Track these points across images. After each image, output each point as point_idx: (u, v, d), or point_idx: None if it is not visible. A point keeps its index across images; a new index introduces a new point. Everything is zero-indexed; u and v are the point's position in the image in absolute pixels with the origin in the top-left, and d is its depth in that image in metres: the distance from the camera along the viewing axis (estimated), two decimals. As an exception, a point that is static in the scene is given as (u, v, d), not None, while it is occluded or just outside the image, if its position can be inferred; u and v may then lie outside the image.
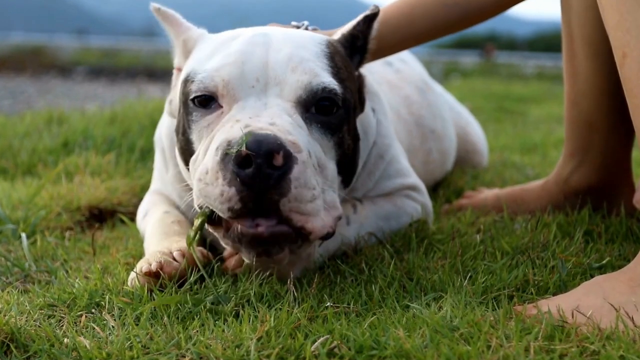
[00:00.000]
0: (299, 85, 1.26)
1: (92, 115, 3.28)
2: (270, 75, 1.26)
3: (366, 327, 1.09)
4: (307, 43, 1.34)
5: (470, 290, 1.24)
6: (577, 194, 1.75)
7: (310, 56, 1.31)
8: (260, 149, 1.11)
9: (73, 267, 1.50)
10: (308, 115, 1.28)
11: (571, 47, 1.68)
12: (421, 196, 1.69)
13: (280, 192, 1.13)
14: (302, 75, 1.26)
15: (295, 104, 1.26)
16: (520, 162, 2.84)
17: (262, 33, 1.34)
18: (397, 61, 2.09)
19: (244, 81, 1.26)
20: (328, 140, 1.29)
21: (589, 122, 1.70)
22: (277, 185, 1.13)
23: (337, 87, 1.29)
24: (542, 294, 1.26)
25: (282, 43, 1.31)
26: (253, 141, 1.12)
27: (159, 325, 1.12)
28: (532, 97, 6.71)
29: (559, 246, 1.46)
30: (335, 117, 1.30)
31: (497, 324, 1.09)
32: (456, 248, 1.45)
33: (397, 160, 1.66)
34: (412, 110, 1.97)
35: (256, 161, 1.11)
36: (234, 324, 1.11)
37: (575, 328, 1.06)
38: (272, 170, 1.12)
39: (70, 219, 1.86)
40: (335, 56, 1.36)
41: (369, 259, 1.42)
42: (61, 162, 2.31)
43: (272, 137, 1.14)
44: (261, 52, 1.29)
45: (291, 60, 1.28)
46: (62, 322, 1.18)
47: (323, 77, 1.28)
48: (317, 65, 1.29)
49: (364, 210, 1.55)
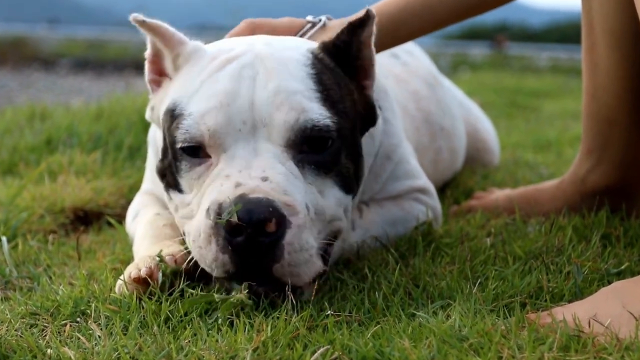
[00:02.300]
0: (286, 127, 1.26)
1: (77, 111, 3.28)
2: (257, 117, 1.27)
3: (369, 337, 1.09)
4: (294, 68, 1.32)
5: (480, 297, 1.24)
6: (594, 195, 1.75)
7: (296, 86, 1.29)
8: (251, 219, 1.16)
9: (57, 272, 1.50)
10: (300, 157, 1.28)
11: (591, 36, 1.67)
12: (431, 199, 1.69)
13: (273, 259, 1.18)
14: (289, 113, 1.26)
15: (286, 147, 1.26)
16: (533, 160, 2.84)
17: (250, 63, 1.32)
18: (404, 53, 2.08)
19: (230, 127, 1.27)
20: (323, 178, 1.29)
21: (608, 117, 1.70)
22: (270, 252, 1.18)
23: (329, 120, 1.27)
24: (557, 301, 1.26)
25: (269, 73, 1.30)
26: (244, 211, 1.16)
27: (149, 335, 1.12)
28: (546, 92, 6.71)
29: (575, 250, 1.46)
30: (329, 153, 1.29)
31: (508, 333, 1.09)
32: (465, 252, 1.45)
33: (406, 160, 1.66)
34: (421, 106, 1.97)
35: (247, 231, 1.16)
36: (228, 333, 1.11)
37: (592, 338, 1.06)
38: (265, 237, 1.17)
39: (53, 221, 1.86)
40: (322, 76, 1.33)
41: (372, 264, 1.42)
42: (44, 161, 2.31)
43: (264, 203, 1.17)
44: (247, 90, 1.29)
45: (277, 97, 1.27)
46: (45, 331, 1.18)
47: (311, 113, 1.27)
48: (304, 97, 1.28)
49: (370, 214, 1.55)
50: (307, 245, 1.21)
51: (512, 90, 6.52)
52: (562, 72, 10.24)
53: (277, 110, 1.26)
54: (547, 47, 16.96)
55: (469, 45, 16.52)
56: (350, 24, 1.37)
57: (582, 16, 1.70)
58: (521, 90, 6.61)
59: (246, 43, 1.39)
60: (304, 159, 1.28)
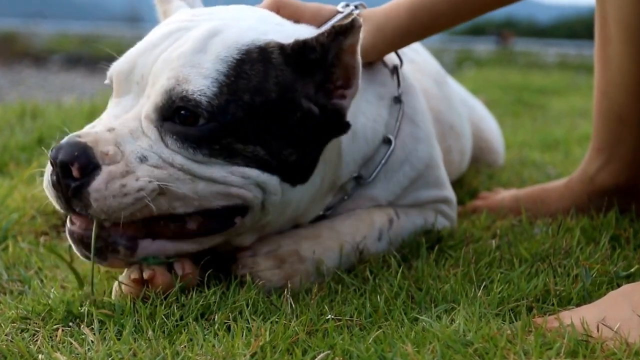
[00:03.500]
0: (160, 92, 1.29)
1: (69, 109, 3.28)
2: (150, 76, 1.32)
3: (371, 342, 1.09)
4: (216, 48, 1.31)
5: (485, 301, 1.24)
6: (603, 195, 1.75)
7: (202, 60, 1.30)
8: (55, 157, 1.23)
9: (48, 275, 1.50)
10: (164, 124, 1.28)
11: (604, 31, 1.67)
12: (452, 211, 1.70)
13: (83, 204, 1.23)
14: (170, 80, 1.28)
15: (154, 111, 1.29)
16: (540, 160, 2.84)
17: (186, 28, 1.36)
18: (410, 51, 2.08)
19: (130, 77, 1.34)
20: (194, 152, 1.28)
21: (619, 114, 1.70)
22: (77, 196, 1.23)
23: (204, 98, 1.26)
24: (564, 305, 1.26)
25: (191, 42, 1.32)
26: (54, 149, 1.24)
27: (143, 340, 1.13)
28: (554, 89, 6.70)
29: (583, 253, 1.46)
30: (199, 129, 1.28)
31: (514, 338, 1.09)
32: (470, 255, 1.45)
33: (437, 166, 1.67)
34: (432, 105, 1.96)
35: (55, 169, 1.24)
36: (225, 338, 1.11)
37: (600, 343, 1.06)
38: (69, 180, 1.23)
39: (45, 222, 1.86)
40: (245, 66, 1.31)
41: (373, 266, 1.42)
42: (35, 161, 2.31)
43: (73, 147, 1.24)
44: (163, 47, 1.34)
45: (173, 62, 1.30)
46: (36, 336, 1.18)
47: (190, 86, 1.27)
48: (199, 73, 1.28)
49: (399, 227, 1.56)
50: (125, 189, 1.23)
51: (519, 87, 6.51)
52: (570, 68, 10.23)
53: (162, 74, 1.30)
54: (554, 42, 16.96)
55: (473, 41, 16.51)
56: (333, 30, 1.33)
57: (595, 9, 1.70)
58: (528, 87, 6.60)
59: (213, 12, 1.41)
60: (168, 127, 1.29)
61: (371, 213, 1.54)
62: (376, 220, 1.53)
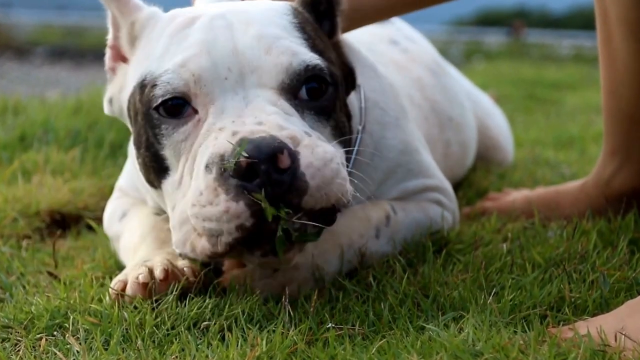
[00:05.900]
0: (278, 70, 1.26)
1: (53, 104, 3.28)
2: (243, 63, 1.27)
3: (374, 352, 1.09)
4: (272, 16, 1.35)
5: (496, 309, 1.24)
6: (620, 197, 1.75)
7: (280, 32, 1.32)
8: (261, 154, 1.13)
9: (31, 282, 1.50)
10: (297, 102, 1.28)
11: (606, 27, 1.67)
12: (451, 202, 1.70)
13: (299, 194, 1.16)
14: (280, 56, 1.27)
15: (279, 90, 1.27)
16: (554, 159, 2.84)
17: (219, 14, 1.33)
18: (404, 40, 2.09)
19: (216, 73, 1.26)
20: (324, 126, 1.31)
21: (630, 114, 1.70)
22: (293, 188, 1.15)
23: (320, 61, 1.29)
24: (580, 313, 1.26)
25: (247, 22, 1.32)
26: (251, 148, 1.14)
27: (132, 350, 1.13)
28: (568, 83, 6.71)
29: (600, 258, 1.46)
30: (326, 98, 1.31)
31: (527, 348, 1.09)
32: (479, 259, 1.46)
33: (417, 151, 1.66)
34: (426, 95, 1.97)
35: (261, 169, 1.13)
36: (219, 348, 1.11)
37: (618, 353, 1.06)
38: (281, 174, 1.14)
39: (28, 225, 1.86)
40: (305, 26, 1.37)
41: (377, 272, 1.42)
42: (17, 159, 2.31)
43: (269, 139, 1.15)
44: (225, 37, 1.29)
45: (261, 41, 1.28)
46: (18, 346, 1.19)
47: (303, 55, 1.29)
48: (292, 42, 1.30)
49: (397, 223, 1.56)
50: (328, 155, 1.20)
51: (531, 81, 6.52)
52: (586, 61, 10.23)
53: (266, 54, 1.27)
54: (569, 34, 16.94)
55: (483, 32, 16.49)
56: None
57: (595, 5, 1.70)
58: (541, 81, 6.60)
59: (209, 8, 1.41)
60: (301, 105, 1.28)
61: (366, 209, 1.53)
62: (372, 217, 1.52)
